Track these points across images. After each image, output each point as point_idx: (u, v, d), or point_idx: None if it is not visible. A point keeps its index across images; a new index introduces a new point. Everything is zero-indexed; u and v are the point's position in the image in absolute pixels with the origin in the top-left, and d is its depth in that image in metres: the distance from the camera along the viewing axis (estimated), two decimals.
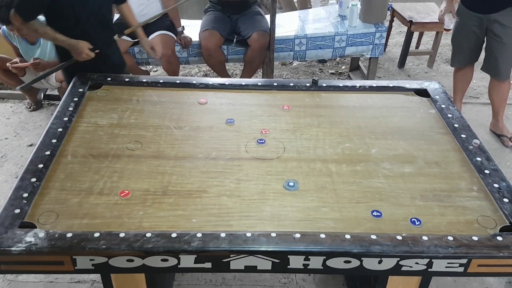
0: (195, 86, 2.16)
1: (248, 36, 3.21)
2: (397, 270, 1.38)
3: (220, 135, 1.83)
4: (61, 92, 3.29)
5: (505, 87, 3.04)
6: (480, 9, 2.86)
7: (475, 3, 2.88)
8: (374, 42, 3.50)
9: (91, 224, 1.41)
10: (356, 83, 2.22)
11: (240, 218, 1.46)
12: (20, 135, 3.20)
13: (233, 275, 2.18)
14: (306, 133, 1.88)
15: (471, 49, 3.06)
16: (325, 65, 4.30)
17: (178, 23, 3.29)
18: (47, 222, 1.41)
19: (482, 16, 2.86)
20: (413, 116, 2.01)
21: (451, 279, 2.19)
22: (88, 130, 1.84)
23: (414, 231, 1.42)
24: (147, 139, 1.81)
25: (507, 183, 1.59)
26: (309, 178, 1.64)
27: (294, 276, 2.20)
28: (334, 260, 1.36)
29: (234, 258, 1.35)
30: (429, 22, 3.93)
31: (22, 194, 1.47)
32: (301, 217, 1.47)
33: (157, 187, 1.57)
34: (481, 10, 2.86)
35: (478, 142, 1.79)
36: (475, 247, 1.35)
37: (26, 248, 1.30)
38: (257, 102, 2.09)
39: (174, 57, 3.23)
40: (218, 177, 1.63)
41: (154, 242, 1.33)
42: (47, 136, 1.74)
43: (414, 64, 4.31)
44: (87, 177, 1.60)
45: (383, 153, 1.77)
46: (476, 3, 2.87)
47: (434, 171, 1.69)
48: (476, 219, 1.48)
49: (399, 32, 4.82)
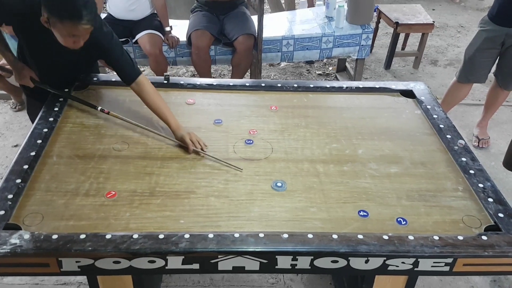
0: (182, 87, 2.15)
1: (234, 39, 3.21)
2: (384, 270, 1.39)
3: (208, 136, 1.83)
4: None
5: (505, 95, 3.09)
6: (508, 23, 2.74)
7: (506, 17, 2.75)
8: (361, 43, 3.52)
9: (77, 225, 1.40)
10: (343, 84, 2.23)
11: (228, 219, 1.46)
12: (5, 136, 3.16)
13: (221, 275, 2.18)
14: (294, 133, 1.89)
15: (488, 66, 2.98)
16: (313, 66, 4.32)
17: (166, 23, 3.27)
18: (33, 223, 1.39)
19: (508, 30, 2.75)
20: (399, 117, 2.02)
21: (437, 278, 2.21)
22: (74, 131, 1.82)
23: (400, 230, 1.44)
24: (134, 139, 1.80)
25: (491, 183, 1.61)
26: (297, 179, 1.64)
27: (282, 276, 2.21)
28: (322, 260, 1.36)
29: (222, 259, 1.35)
30: (415, 23, 3.97)
31: (6, 196, 1.45)
32: (289, 217, 1.48)
33: (144, 188, 1.56)
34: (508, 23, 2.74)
35: (463, 143, 1.81)
36: (460, 246, 1.37)
37: (11, 250, 1.28)
38: (245, 102, 2.09)
39: (161, 57, 3.21)
40: (206, 177, 1.63)
41: (141, 243, 1.32)
42: (32, 137, 1.72)
43: (400, 65, 4.35)
44: (73, 178, 1.58)
45: (370, 153, 1.78)
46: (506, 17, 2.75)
47: (420, 171, 1.70)
48: (461, 218, 1.50)
49: (385, 33, 4.86)
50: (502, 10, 2.74)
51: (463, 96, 3.21)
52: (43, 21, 1.68)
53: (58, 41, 1.71)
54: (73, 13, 1.59)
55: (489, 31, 2.83)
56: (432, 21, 4.01)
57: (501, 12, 2.74)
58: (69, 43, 1.69)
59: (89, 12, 1.61)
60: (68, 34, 1.65)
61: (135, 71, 1.88)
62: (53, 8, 1.61)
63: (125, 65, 1.88)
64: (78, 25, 1.61)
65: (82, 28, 1.62)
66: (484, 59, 2.93)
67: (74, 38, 1.67)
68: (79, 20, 1.59)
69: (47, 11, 1.63)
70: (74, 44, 1.70)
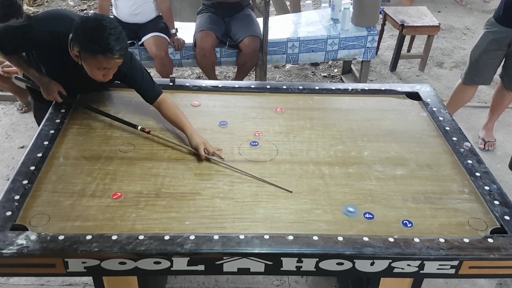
0: (188, 89, 2.16)
1: (239, 41, 3.23)
2: (389, 272, 1.38)
3: (213, 137, 1.83)
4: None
5: (511, 97, 3.07)
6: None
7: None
8: (366, 46, 3.52)
9: (83, 226, 1.41)
10: (349, 86, 2.23)
11: (233, 220, 1.46)
12: (12, 137, 3.18)
13: (226, 277, 2.18)
14: (299, 135, 1.89)
15: (494, 68, 2.96)
16: (318, 68, 4.31)
17: (172, 25, 3.29)
18: (39, 224, 1.40)
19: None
20: (405, 119, 2.02)
21: (443, 281, 2.20)
22: (81, 132, 1.83)
23: (406, 233, 1.43)
24: (140, 141, 1.80)
25: (497, 186, 1.61)
26: (302, 181, 1.64)
27: (287, 278, 2.20)
28: (327, 262, 1.36)
29: (227, 261, 1.35)
30: (421, 25, 3.95)
31: (13, 196, 1.46)
32: (294, 219, 1.48)
33: (150, 189, 1.57)
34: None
35: (469, 145, 1.81)
36: (466, 249, 1.36)
37: (18, 251, 1.29)
38: (250, 104, 2.09)
39: (167, 59, 3.23)
40: (211, 179, 1.63)
41: (147, 244, 1.33)
42: (39, 138, 1.73)
43: (405, 67, 4.34)
44: (80, 179, 1.59)
45: (375, 155, 1.78)
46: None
47: (425, 173, 1.70)
48: (467, 221, 1.49)
49: (391, 35, 4.85)
50: (508, 11, 2.73)
51: (468, 98, 3.19)
52: (73, 55, 1.70)
53: (81, 68, 1.72)
54: (106, 48, 1.59)
55: (495, 32, 2.81)
56: (438, 23, 4.00)
57: (507, 14, 2.73)
58: (99, 76, 1.71)
59: (122, 47, 1.62)
60: (99, 68, 1.67)
61: (155, 91, 1.89)
62: (85, 43, 1.62)
63: (147, 87, 1.89)
64: (111, 59, 1.62)
65: (114, 62, 1.64)
66: (490, 61, 2.91)
67: (104, 71, 1.69)
68: (112, 55, 1.60)
69: (78, 46, 1.65)
70: (104, 77, 1.72)
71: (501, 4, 2.77)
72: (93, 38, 1.59)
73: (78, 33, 1.63)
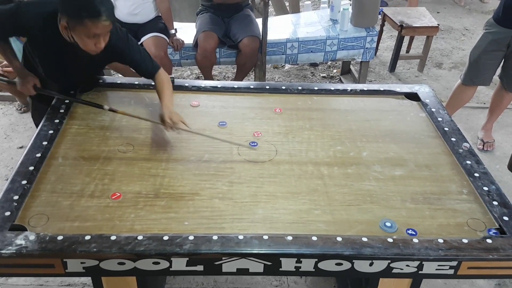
0: (187, 89, 2.16)
1: (238, 41, 3.23)
2: (388, 273, 1.39)
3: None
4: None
5: (510, 98, 3.07)
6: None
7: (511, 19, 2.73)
8: (365, 46, 3.52)
9: (82, 227, 1.40)
10: (348, 87, 2.23)
11: (232, 221, 1.46)
12: (11, 137, 3.17)
13: (225, 277, 2.18)
14: (298, 136, 1.89)
15: (493, 68, 2.97)
16: (317, 69, 4.32)
17: (171, 26, 3.29)
18: (38, 224, 1.40)
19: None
20: (404, 120, 2.02)
21: (442, 281, 2.20)
22: (80, 132, 1.83)
23: (405, 233, 1.43)
24: (139, 141, 1.80)
25: (496, 186, 1.61)
26: (301, 181, 1.64)
27: (286, 279, 2.20)
28: (326, 262, 1.36)
29: (226, 261, 1.35)
30: (420, 26, 3.96)
31: (12, 197, 1.46)
32: (293, 219, 1.48)
33: (149, 189, 1.57)
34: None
35: (468, 146, 1.81)
36: (465, 249, 1.36)
37: (16, 251, 1.29)
38: (250, 105, 2.09)
39: (166, 59, 3.23)
40: (210, 179, 1.63)
41: (146, 245, 1.33)
42: (38, 138, 1.73)
43: (404, 68, 4.35)
44: (78, 180, 1.59)
45: (374, 156, 1.78)
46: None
47: (424, 174, 1.70)
48: (466, 221, 1.49)
49: (390, 36, 4.85)
50: (507, 12, 2.73)
51: (467, 98, 3.19)
52: (62, 27, 1.71)
53: (72, 47, 1.74)
54: (92, 11, 1.63)
55: (494, 33, 2.82)
56: (437, 24, 4.00)
57: (506, 14, 2.74)
58: (90, 46, 1.72)
59: (107, 8, 1.66)
60: (89, 35, 1.68)
61: (154, 67, 1.96)
62: (71, 11, 1.65)
63: (145, 63, 1.95)
64: (98, 22, 1.64)
65: (102, 25, 1.66)
66: (489, 61, 2.92)
67: (95, 39, 1.70)
68: (99, 17, 1.64)
69: (65, 15, 1.67)
70: (96, 47, 1.73)
71: (500, 5, 2.78)
72: (78, 4, 1.63)
73: (63, 2, 1.67)
